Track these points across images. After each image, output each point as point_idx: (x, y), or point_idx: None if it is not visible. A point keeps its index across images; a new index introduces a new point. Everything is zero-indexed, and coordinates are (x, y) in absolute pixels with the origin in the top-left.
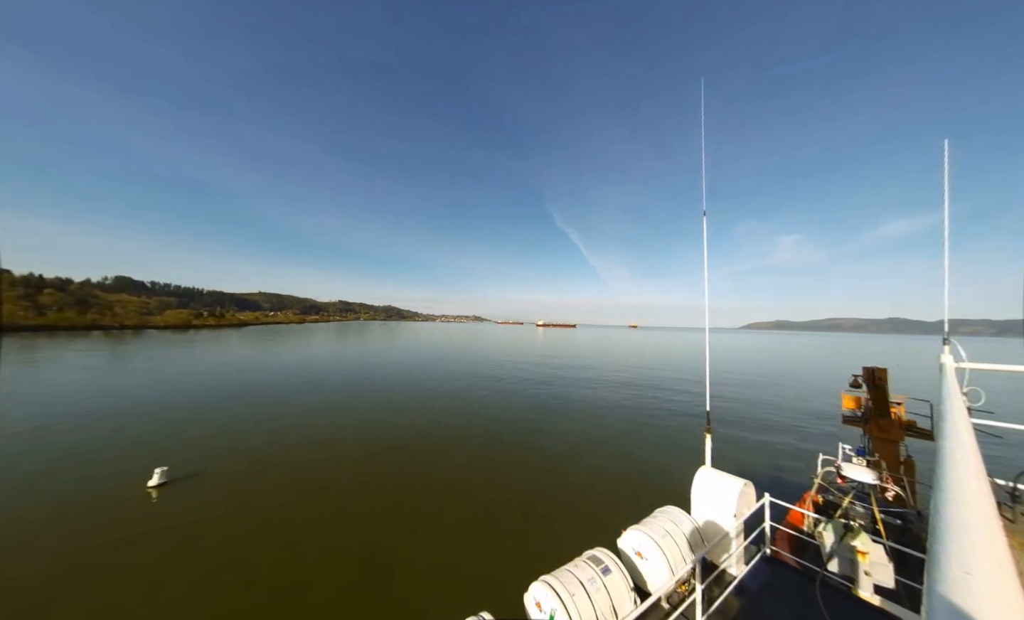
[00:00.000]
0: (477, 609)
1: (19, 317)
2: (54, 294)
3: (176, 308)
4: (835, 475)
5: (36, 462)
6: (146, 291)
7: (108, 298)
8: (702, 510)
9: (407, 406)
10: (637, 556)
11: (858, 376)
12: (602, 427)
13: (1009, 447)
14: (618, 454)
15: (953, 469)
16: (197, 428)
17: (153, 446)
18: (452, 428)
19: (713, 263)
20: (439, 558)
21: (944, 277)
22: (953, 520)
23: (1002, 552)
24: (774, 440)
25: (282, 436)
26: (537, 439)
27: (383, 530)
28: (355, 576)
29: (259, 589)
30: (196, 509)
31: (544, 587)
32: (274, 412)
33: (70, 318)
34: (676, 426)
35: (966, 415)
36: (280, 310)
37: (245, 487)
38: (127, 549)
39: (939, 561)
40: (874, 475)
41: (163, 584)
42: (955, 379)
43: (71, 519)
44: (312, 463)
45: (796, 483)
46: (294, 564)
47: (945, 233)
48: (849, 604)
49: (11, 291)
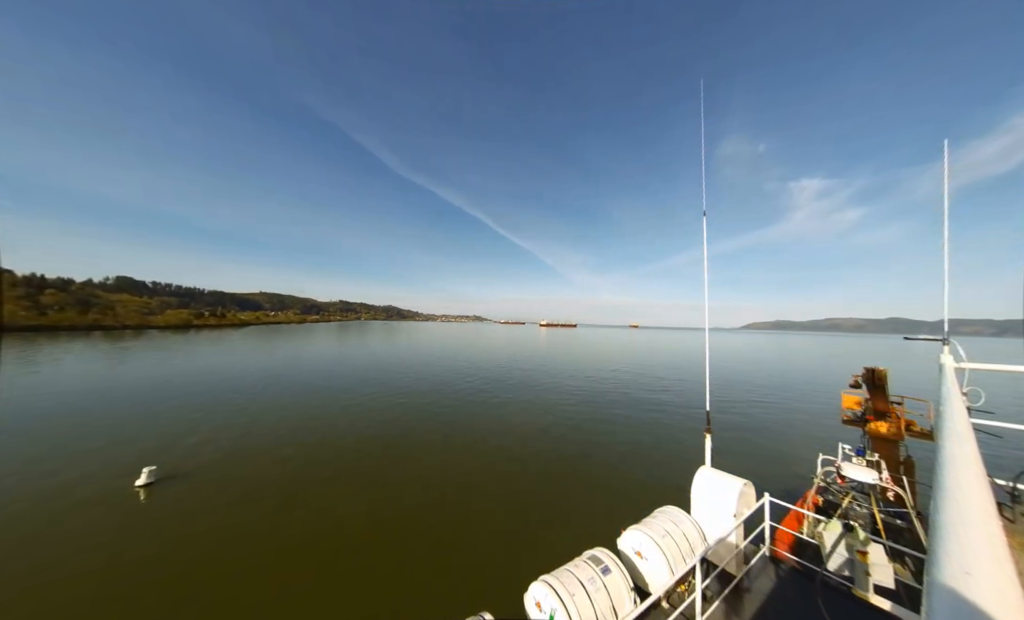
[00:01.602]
0: (477, 609)
1: (20, 317)
2: (56, 294)
3: (177, 308)
4: (835, 475)
5: (18, 462)
6: (147, 291)
7: (109, 298)
8: (702, 510)
9: (403, 407)
10: (637, 556)
11: (858, 376)
12: (601, 427)
13: (1009, 447)
14: (618, 454)
15: (953, 469)
16: (189, 429)
17: (142, 445)
18: (452, 429)
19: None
20: (439, 558)
21: (944, 277)
22: (953, 520)
23: (1002, 552)
24: (774, 440)
25: (278, 436)
26: (537, 439)
27: (382, 531)
28: (354, 576)
29: (254, 589)
30: (183, 508)
31: (544, 587)
32: (272, 412)
33: (71, 318)
34: (676, 426)
35: (966, 415)
36: (281, 310)
37: (234, 487)
38: (114, 548)
39: (939, 561)
40: (874, 475)
41: (148, 582)
42: (955, 379)
43: (57, 518)
44: (307, 463)
45: (796, 483)
46: (293, 563)
47: (945, 233)
48: (849, 604)
49: (12, 291)
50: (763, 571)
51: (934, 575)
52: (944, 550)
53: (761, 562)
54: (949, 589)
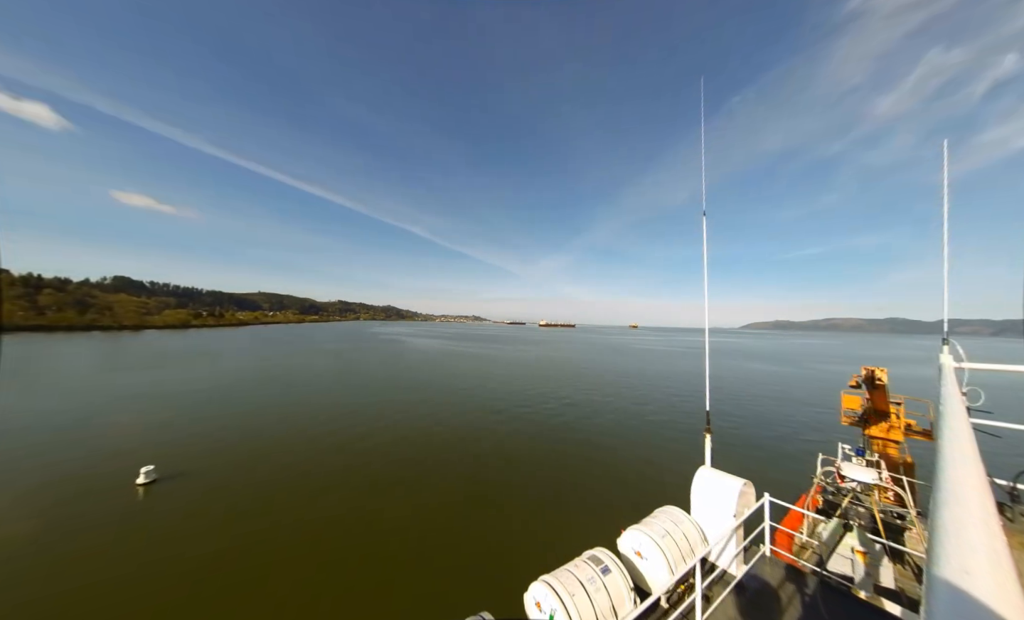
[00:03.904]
0: (477, 609)
1: (18, 317)
2: (53, 294)
3: (175, 308)
4: (835, 475)
5: (26, 460)
6: (145, 291)
7: (107, 298)
8: (702, 510)
9: (402, 408)
10: (637, 556)
11: (858, 376)
12: (601, 427)
13: (1009, 447)
14: (618, 454)
15: (952, 469)
16: (188, 429)
17: (141, 445)
18: (451, 430)
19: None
20: (439, 558)
21: (944, 277)
22: (953, 520)
23: (1002, 552)
24: (774, 440)
25: (275, 435)
26: (536, 439)
27: (381, 531)
28: (354, 577)
29: (254, 588)
30: (180, 506)
31: (544, 587)
32: (269, 411)
33: (69, 318)
34: (676, 426)
35: (965, 415)
36: (280, 310)
37: (233, 487)
38: (114, 545)
39: (939, 561)
40: (874, 475)
41: (147, 579)
42: (954, 379)
43: (59, 516)
44: (307, 464)
45: (796, 483)
46: (292, 562)
47: (944, 233)
48: (849, 604)
49: (10, 291)
50: (763, 571)
51: (934, 575)
52: (944, 550)
53: (761, 562)
54: (949, 589)
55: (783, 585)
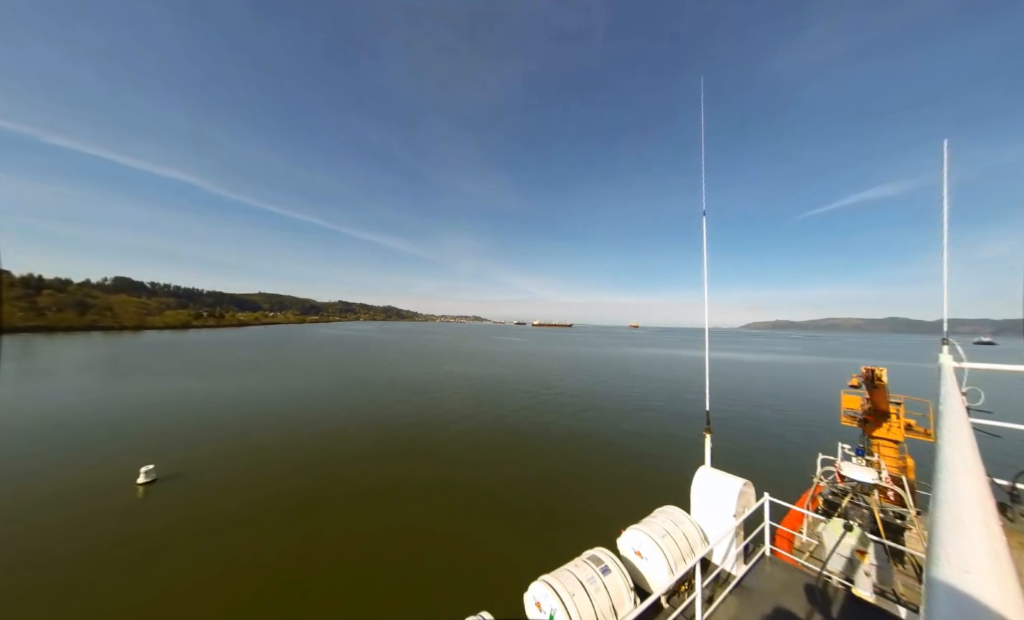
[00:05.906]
0: (477, 609)
1: (18, 318)
2: (53, 295)
3: (175, 309)
4: (835, 475)
5: (26, 460)
6: (145, 292)
7: (108, 299)
8: (702, 510)
9: (402, 407)
10: (637, 556)
11: (858, 376)
12: (601, 427)
13: (1008, 447)
14: (618, 454)
15: (952, 469)
16: (188, 429)
17: (141, 445)
18: (450, 430)
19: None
20: (440, 558)
21: (943, 277)
22: (953, 520)
23: (1001, 552)
24: (774, 440)
25: (278, 436)
26: (536, 439)
27: (381, 531)
28: (354, 577)
29: (253, 587)
30: (181, 506)
31: (544, 587)
32: (270, 412)
33: (69, 319)
34: (675, 425)
35: (965, 415)
36: (280, 310)
37: (233, 488)
38: (114, 544)
39: (939, 561)
40: (874, 475)
41: (146, 578)
42: (954, 379)
43: (59, 515)
44: (306, 464)
45: (796, 483)
46: (291, 563)
47: (944, 233)
48: (849, 604)
49: (10, 292)
50: (763, 571)
51: (934, 575)
52: (944, 550)
53: (761, 562)
54: (949, 589)
55: (783, 585)
